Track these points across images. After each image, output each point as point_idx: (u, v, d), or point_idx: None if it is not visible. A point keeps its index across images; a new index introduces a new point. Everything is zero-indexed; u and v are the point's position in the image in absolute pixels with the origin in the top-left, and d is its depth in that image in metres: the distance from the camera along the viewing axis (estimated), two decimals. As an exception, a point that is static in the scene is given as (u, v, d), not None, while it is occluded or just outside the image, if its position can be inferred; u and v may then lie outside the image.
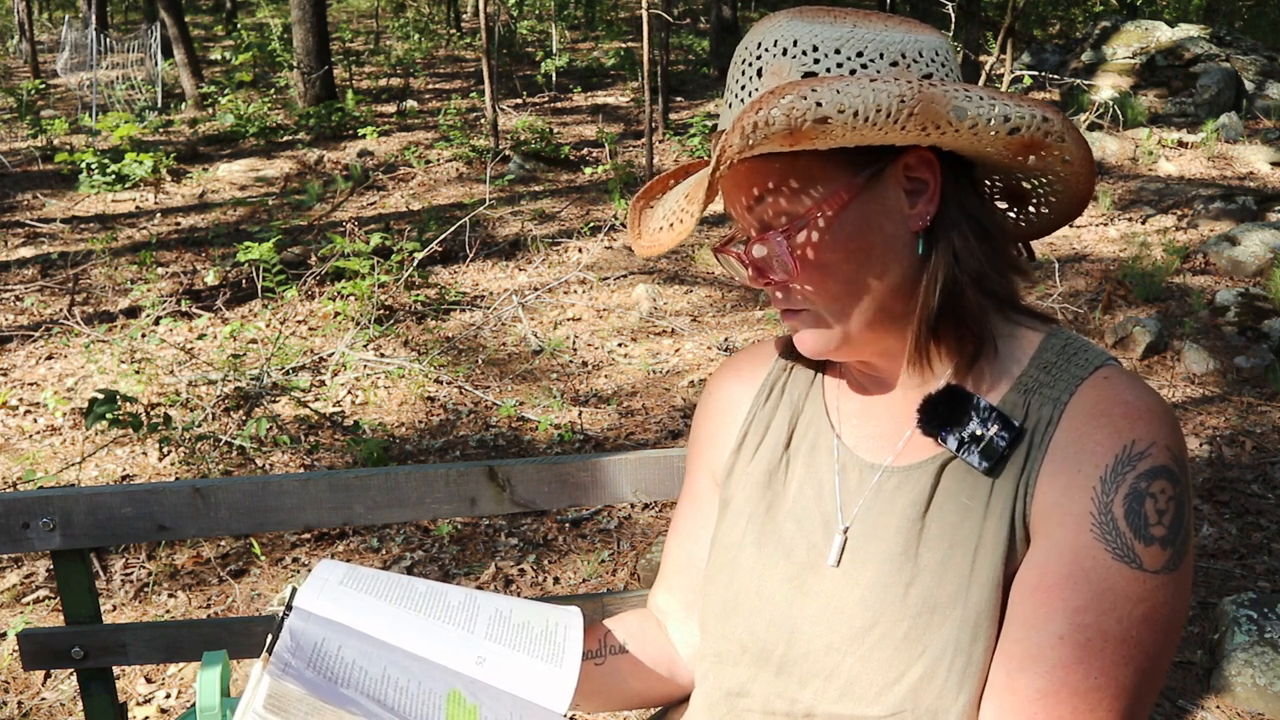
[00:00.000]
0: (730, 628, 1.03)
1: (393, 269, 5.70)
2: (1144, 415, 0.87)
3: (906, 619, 0.91)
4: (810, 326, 0.95)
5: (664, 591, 1.19)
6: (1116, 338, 4.91)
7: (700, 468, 1.15)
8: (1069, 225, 1.13)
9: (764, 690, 1.00)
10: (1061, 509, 0.86)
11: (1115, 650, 0.82)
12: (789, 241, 0.90)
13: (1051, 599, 0.84)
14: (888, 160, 0.88)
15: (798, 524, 1.01)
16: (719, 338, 5.22)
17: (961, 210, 0.91)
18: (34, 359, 4.98)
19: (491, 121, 9.11)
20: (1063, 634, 0.83)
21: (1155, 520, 0.83)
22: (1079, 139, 0.90)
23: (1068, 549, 0.85)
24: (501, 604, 1.03)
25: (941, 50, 0.90)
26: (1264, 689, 2.52)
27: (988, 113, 0.85)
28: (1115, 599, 0.83)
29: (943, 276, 0.90)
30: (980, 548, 0.89)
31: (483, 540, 3.43)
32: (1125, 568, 0.83)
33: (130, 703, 2.64)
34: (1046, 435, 0.89)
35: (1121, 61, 10.39)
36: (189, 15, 16.94)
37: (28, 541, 1.44)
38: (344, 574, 1.00)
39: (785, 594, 0.99)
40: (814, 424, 1.05)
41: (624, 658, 1.12)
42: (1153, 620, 0.83)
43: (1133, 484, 0.84)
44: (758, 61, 0.89)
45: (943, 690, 0.88)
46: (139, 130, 9.64)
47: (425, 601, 0.99)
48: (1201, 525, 3.43)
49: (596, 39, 17.75)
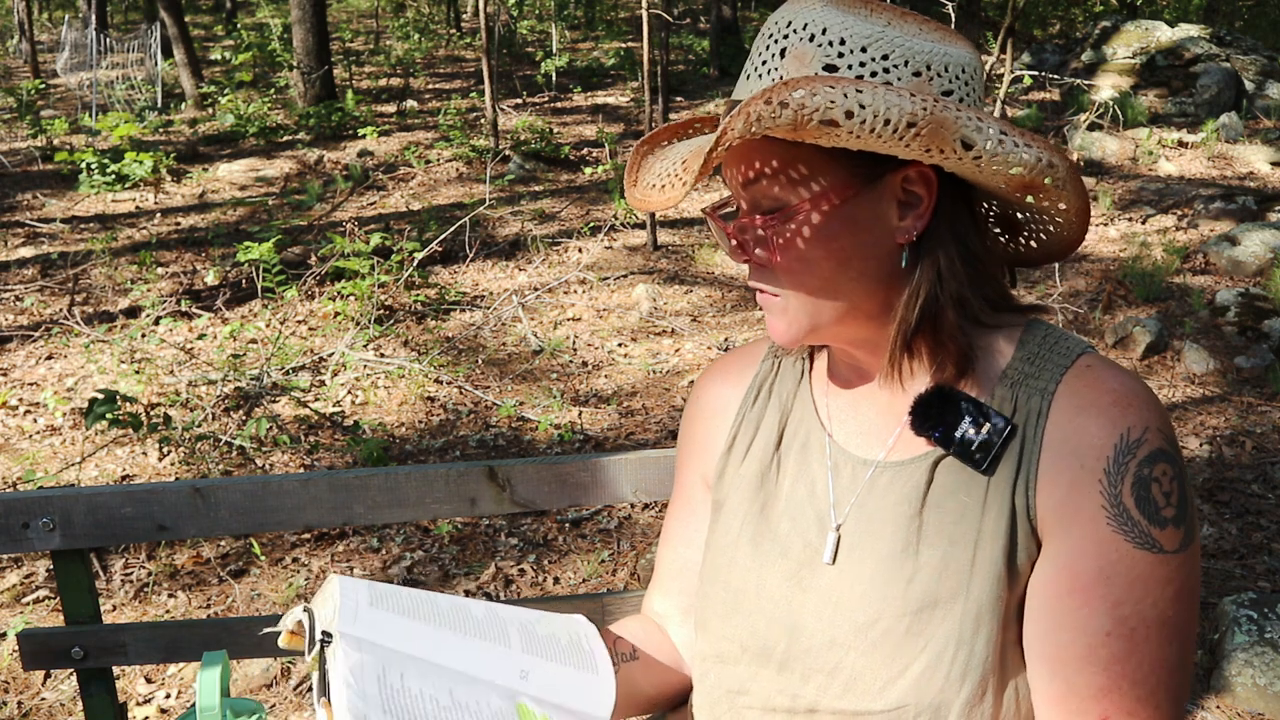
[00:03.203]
0: (731, 627, 1.03)
1: (393, 269, 5.70)
2: (1133, 402, 0.88)
3: (908, 614, 0.92)
4: (780, 313, 0.95)
5: (660, 596, 1.19)
6: (1116, 338, 4.91)
7: (691, 471, 1.15)
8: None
9: (765, 688, 1.01)
10: (1073, 505, 0.88)
11: (1158, 634, 0.86)
12: (775, 229, 0.90)
13: (1090, 599, 0.87)
14: (888, 169, 0.88)
15: (792, 522, 1.02)
16: (719, 338, 5.22)
17: (952, 230, 0.91)
18: (34, 359, 4.98)
19: (491, 121, 9.11)
20: (1109, 630, 0.86)
21: (1164, 503, 0.86)
22: (1079, 190, 0.92)
23: (1090, 547, 0.87)
24: (522, 616, 1.02)
25: (969, 67, 0.90)
26: (1264, 689, 2.52)
27: (994, 148, 0.85)
28: (1147, 586, 0.86)
29: (924, 294, 0.91)
30: (980, 544, 0.90)
31: (483, 540, 3.43)
32: (1149, 554, 0.86)
33: (130, 703, 2.64)
34: (1039, 428, 0.90)
35: (1122, 61, 10.39)
36: (189, 15, 16.95)
37: (28, 541, 1.44)
38: (368, 594, 0.94)
39: (784, 591, 1.00)
40: (804, 422, 1.05)
41: (636, 664, 1.12)
42: (1181, 596, 0.86)
43: (1136, 472, 0.86)
44: (784, 40, 0.88)
45: (945, 684, 0.89)
46: (139, 130, 9.64)
47: (454, 618, 0.96)
48: (1202, 525, 3.43)
49: (596, 39, 17.75)
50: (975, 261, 0.92)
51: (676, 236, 7.02)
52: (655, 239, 6.67)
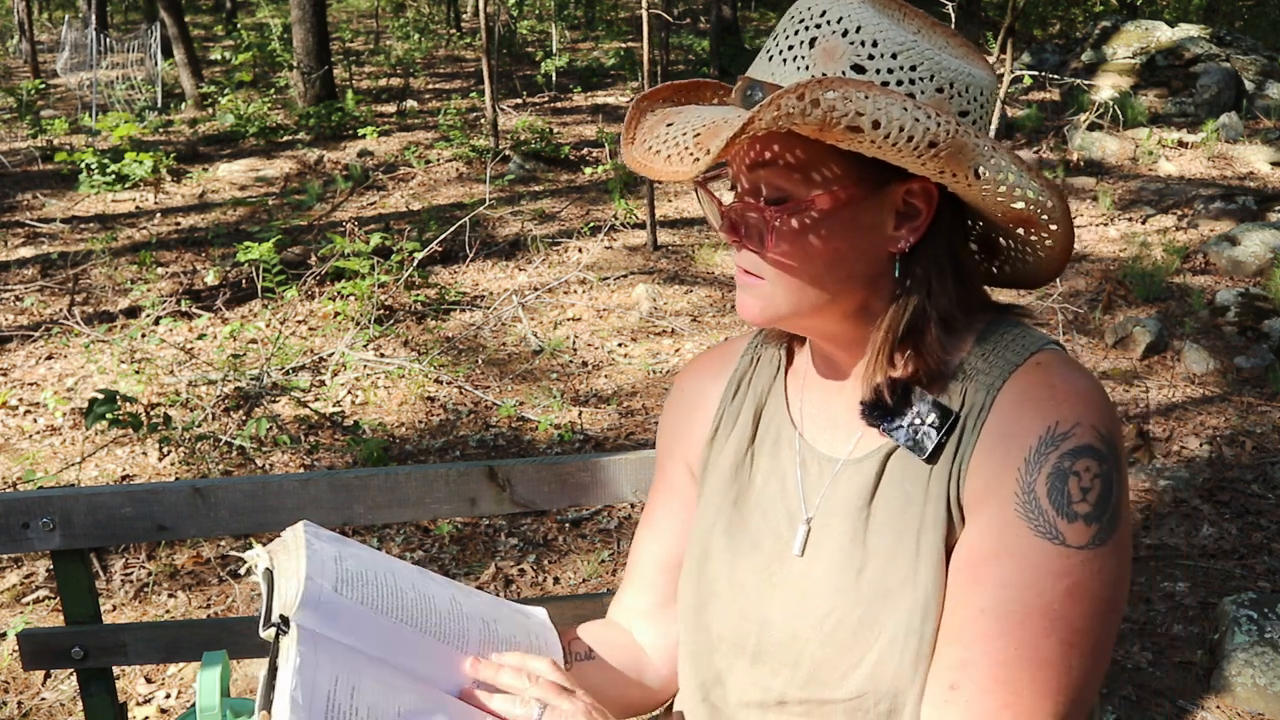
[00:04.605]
0: (706, 618, 1.05)
1: (393, 269, 5.70)
2: (1069, 398, 0.89)
3: (861, 604, 0.93)
4: (757, 296, 0.95)
5: (636, 591, 1.18)
6: (1116, 338, 4.91)
7: (675, 462, 1.16)
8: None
9: (740, 680, 1.02)
10: (989, 490, 0.89)
11: (1036, 622, 0.85)
12: (774, 219, 0.90)
13: (976, 575, 0.87)
14: (895, 179, 0.89)
15: (764, 516, 1.03)
16: (719, 338, 5.22)
17: (947, 247, 0.93)
18: (34, 359, 4.98)
19: (491, 121, 9.11)
20: (984, 608, 0.86)
21: (1079, 497, 0.85)
22: (1068, 231, 0.94)
23: (991, 528, 0.88)
24: (485, 612, 1.01)
25: (986, 89, 0.91)
26: (1264, 689, 2.52)
27: (1001, 181, 0.87)
28: (1036, 574, 0.85)
29: (912, 308, 0.92)
30: (922, 532, 0.92)
31: (483, 540, 3.44)
32: (1047, 544, 0.85)
33: (130, 703, 2.64)
34: (979, 420, 0.91)
35: (1121, 61, 10.39)
36: (189, 15, 16.94)
37: (28, 541, 1.44)
38: (334, 573, 0.91)
39: (755, 585, 1.01)
40: (776, 418, 1.07)
41: (590, 664, 1.12)
42: (1079, 594, 0.85)
43: (1055, 463, 0.86)
44: (815, 30, 0.88)
45: (899, 671, 0.91)
46: (139, 130, 9.64)
47: (416, 612, 0.94)
48: (1201, 525, 3.43)
49: (596, 39, 17.75)
50: (964, 280, 0.94)
51: (676, 236, 7.02)
52: (655, 239, 6.67)
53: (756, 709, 1.01)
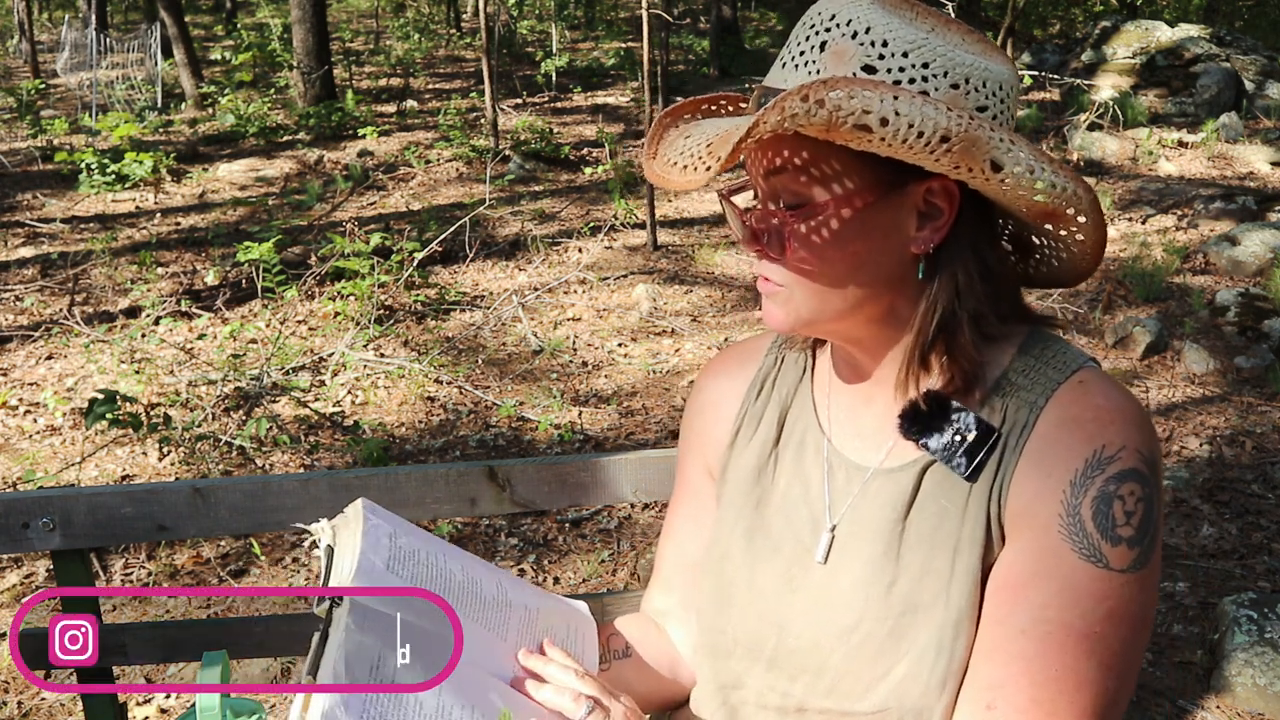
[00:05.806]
0: (724, 620, 1.04)
1: (393, 269, 5.70)
2: (1115, 419, 0.88)
3: (890, 618, 0.92)
4: (782, 304, 0.94)
5: (662, 592, 1.18)
6: (1116, 338, 4.91)
7: (695, 464, 1.15)
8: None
9: (757, 683, 1.01)
10: (1032, 512, 0.88)
11: (1077, 644, 0.84)
12: (792, 225, 0.89)
13: (1016, 595, 0.87)
14: (913, 179, 0.87)
15: (786, 520, 1.02)
16: (719, 338, 5.22)
17: (972, 247, 0.91)
18: (34, 359, 4.98)
19: (491, 121, 9.11)
20: (1024, 628, 0.85)
21: (1123, 521, 0.85)
22: (1099, 223, 0.91)
23: (1034, 549, 0.87)
24: (530, 601, 1.03)
25: (1006, 84, 0.89)
26: (1264, 689, 2.52)
27: (1022, 173, 0.85)
28: (1078, 595, 0.85)
29: (941, 308, 0.91)
30: (959, 550, 0.90)
31: (483, 540, 3.44)
32: (1091, 566, 0.85)
33: (130, 703, 2.64)
34: (1022, 439, 0.90)
35: (1121, 61, 10.39)
36: (189, 15, 16.94)
37: (28, 541, 1.44)
38: (388, 551, 0.93)
39: (775, 589, 1.00)
40: (802, 421, 1.05)
41: (628, 662, 1.13)
42: (1118, 617, 0.85)
43: (1101, 487, 0.85)
44: (825, 34, 0.87)
45: (926, 688, 0.90)
46: (139, 130, 9.63)
47: (462, 593, 0.96)
48: (1201, 525, 3.43)
49: (596, 39, 17.75)
50: (992, 278, 0.92)
51: (676, 236, 7.02)
52: (655, 239, 6.67)
53: (775, 713, 1.00)
